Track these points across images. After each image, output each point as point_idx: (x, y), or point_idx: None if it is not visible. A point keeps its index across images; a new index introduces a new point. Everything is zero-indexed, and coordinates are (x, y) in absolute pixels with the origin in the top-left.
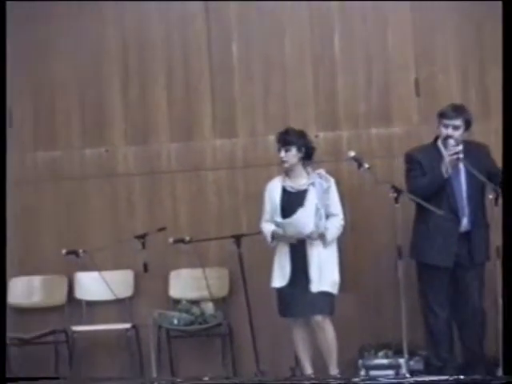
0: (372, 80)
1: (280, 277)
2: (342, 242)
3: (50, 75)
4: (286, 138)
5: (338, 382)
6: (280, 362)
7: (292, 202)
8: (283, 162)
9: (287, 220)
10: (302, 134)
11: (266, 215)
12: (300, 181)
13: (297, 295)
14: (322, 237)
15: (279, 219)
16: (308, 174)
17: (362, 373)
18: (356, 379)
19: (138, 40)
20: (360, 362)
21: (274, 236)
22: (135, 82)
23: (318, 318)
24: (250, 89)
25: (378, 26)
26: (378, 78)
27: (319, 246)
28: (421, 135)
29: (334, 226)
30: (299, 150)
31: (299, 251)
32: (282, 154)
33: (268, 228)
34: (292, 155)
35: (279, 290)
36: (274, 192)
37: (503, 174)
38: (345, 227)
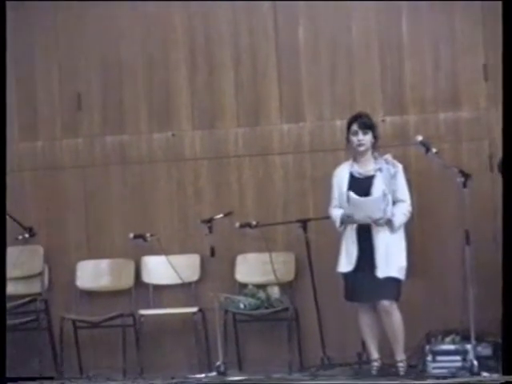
0: (440, 64)
1: (346, 262)
2: (410, 228)
3: (119, 60)
4: (366, 122)
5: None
6: (346, 347)
7: (359, 187)
8: (361, 145)
9: (359, 199)
10: (372, 119)
11: (335, 201)
12: (367, 166)
13: (363, 280)
14: (389, 223)
15: (353, 195)
16: (375, 159)
17: (429, 358)
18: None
19: (205, 25)
20: (427, 347)
21: (343, 221)
22: (202, 67)
23: (385, 303)
24: (316, 73)
25: (446, 11)
26: (446, 63)
27: (386, 231)
28: (489, 119)
29: (402, 212)
30: (375, 134)
31: (366, 237)
32: (361, 136)
33: (337, 213)
34: (368, 139)
35: (346, 275)
36: (341, 178)
37: (503, 173)
38: (412, 213)
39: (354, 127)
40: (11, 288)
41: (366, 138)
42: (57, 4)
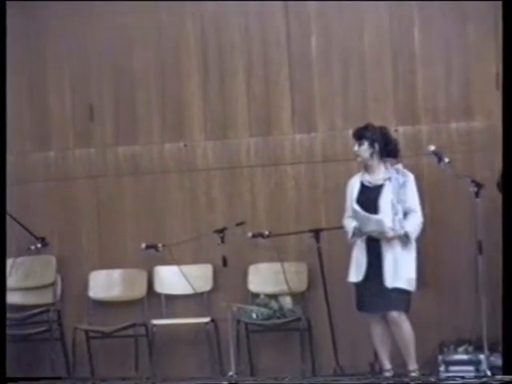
0: (452, 74)
1: (356, 272)
2: (422, 238)
3: (131, 70)
4: (359, 133)
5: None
6: (359, 357)
7: (368, 196)
8: (356, 156)
9: (363, 214)
10: (377, 130)
11: (348, 212)
12: (377, 175)
13: (372, 291)
14: (401, 238)
15: (356, 207)
16: (386, 169)
17: (442, 368)
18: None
19: (217, 35)
20: (440, 357)
21: (354, 233)
22: (214, 76)
23: (394, 314)
24: (328, 83)
25: (458, 20)
26: (459, 72)
27: (395, 242)
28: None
29: (414, 225)
30: (371, 144)
31: (375, 247)
32: (356, 148)
33: (349, 224)
34: (364, 149)
35: (356, 285)
36: (352, 188)
37: (503, 175)
38: (424, 223)
39: (353, 139)
40: (24, 298)
41: (362, 149)
42: (69, 14)
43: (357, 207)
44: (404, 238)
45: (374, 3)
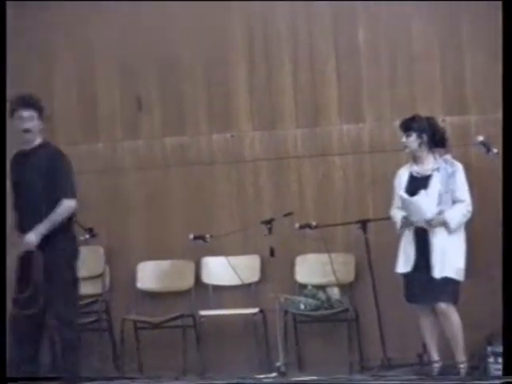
0: (500, 63)
1: (404, 262)
2: (470, 228)
3: (178, 62)
4: (406, 124)
5: None
6: (407, 348)
7: (417, 186)
8: (404, 147)
9: (410, 198)
10: (424, 120)
11: (396, 202)
12: (426, 166)
13: (421, 281)
14: (445, 224)
15: (404, 195)
16: (435, 159)
17: (491, 360)
18: None
19: (264, 26)
20: (488, 348)
21: (402, 224)
22: (261, 67)
23: (442, 305)
24: (376, 73)
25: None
26: None
27: (443, 232)
28: None
29: (460, 212)
30: (419, 135)
31: (424, 237)
32: (404, 139)
33: (397, 215)
34: (412, 140)
35: (405, 276)
36: (401, 178)
37: (503, 174)
38: (473, 213)
39: (400, 130)
40: None
41: (410, 140)
42: (116, 5)
43: (404, 195)
44: (448, 225)
45: None
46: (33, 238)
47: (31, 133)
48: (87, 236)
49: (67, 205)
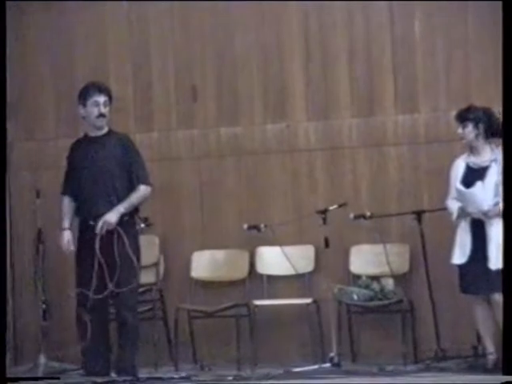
0: None
1: (460, 253)
2: None
3: (234, 52)
4: (462, 115)
5: None
6: (461, 339)
7: (473, 178)
8: (461, 138)
9: (466, 190)
10: (480, 111)
11: (452, 193)
12: (483, 157)
13: (476, 272)
14: (502, 215)
15: (460, 186)
16: (491, 150)
17: None
18: None
19: (320, 16)
20: None
21: (459, 215)
22: (317, 58)
23: (497, 296)
24: (431, 64)
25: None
26: None
27: (499, 223)
28: None
29: None
30: (476, 126)
31: (480, 228)
32: (460, 130)
33: (453, 206)
34: (468, 131)
35: (460, 267)
36: (457, 169)
37: (503, 173)
38: None
39: (456, 121)
40: None
41: (466, 131)
42: None
43: (461, 186)
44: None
45: None
46: (113, 217)
47: (105, 118)
48: (142, 225)
49: (144, 190)
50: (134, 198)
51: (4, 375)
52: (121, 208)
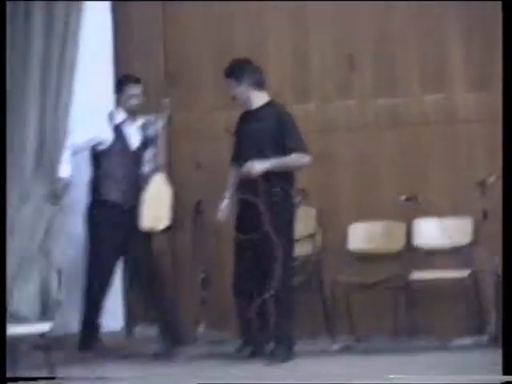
0: None
1: None
2: None
3: (390, 21)
4: None
5: None
6: None
7: None
8: None
9: None
10: None
11: None
12: None
13: None
14: None
15: None
16: None
17: None
18: None
19: None
20: None
21: None
22: (477, 27)
23: None
24: None
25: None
26: None
27: None
28: None
29: None
30: None
31: None
32: None
33: None
34: None
35: None
36: None
37: (503, 173)
38: None
39: None
40: None
41: None
42: None
43: None
44: None
45: None
46: (256, 166)
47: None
48: (299, 197)
49: (298, 158)
50: (284, 160)
51: (4, 375)
52: (267, 163)
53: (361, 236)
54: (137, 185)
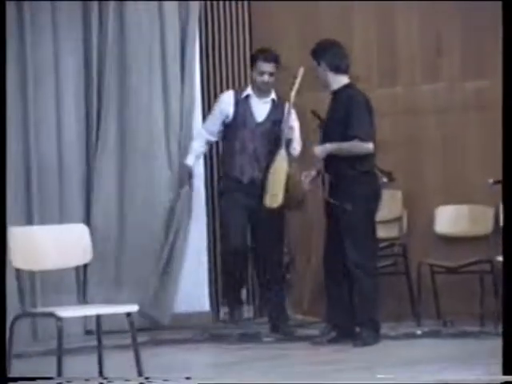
0: None
1: None
2: None
3: (479, 5)
4: None
5: None
6: None
7: None
8: None
9: None
10: None
11: None
12: None
13: None
14: None
15: None
16: None
17: None
18: None
19: None
20: None
21: None
22: None
23: None
24: None
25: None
26: None
27: None
28: None
29: None
30: None
31: None
32: None
33: None
34: None
35: None
36: None
37: (503, 173)
38: None
39: None
40: None
41: None
42: None
43: None
44: None
45: None
46: (318, 150)
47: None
48: (385, 180)
49: (359, 145)
50: (345, 146)
51: (4, 375)
52: (329, 146)
53: (448, 219)
54: (258, 160)
